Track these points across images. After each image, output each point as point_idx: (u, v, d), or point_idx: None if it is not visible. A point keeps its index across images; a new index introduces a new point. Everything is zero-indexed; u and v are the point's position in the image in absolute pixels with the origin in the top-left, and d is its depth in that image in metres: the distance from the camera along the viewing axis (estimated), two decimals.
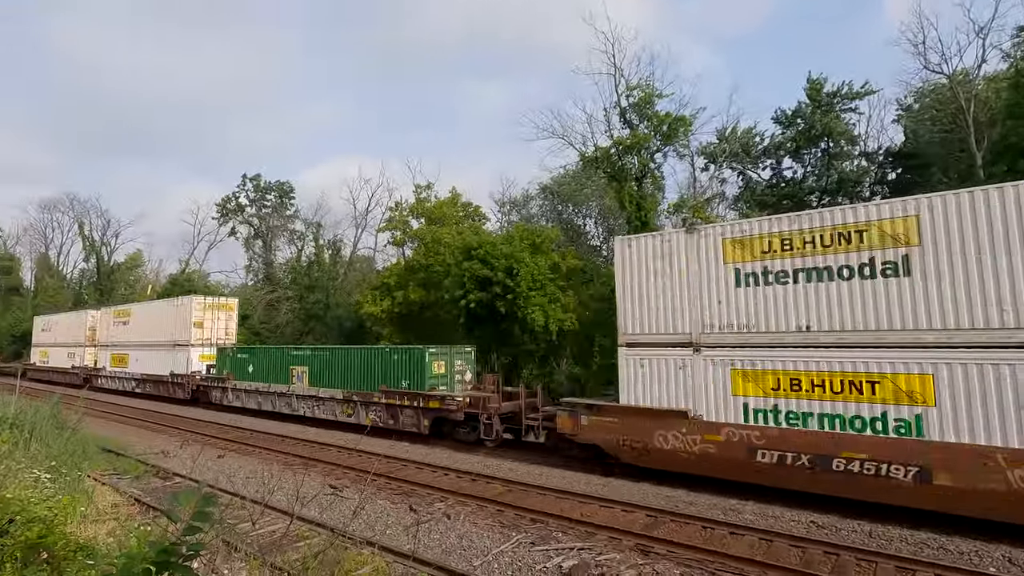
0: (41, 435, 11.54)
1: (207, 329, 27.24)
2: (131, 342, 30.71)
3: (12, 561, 4.99)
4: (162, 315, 28.67)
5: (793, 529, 8.74)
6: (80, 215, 58.06)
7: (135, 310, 31.99)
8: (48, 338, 41.09)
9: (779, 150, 27.54)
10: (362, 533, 8.41)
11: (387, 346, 18.44)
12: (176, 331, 27.33)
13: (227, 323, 28.23)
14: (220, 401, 23.37)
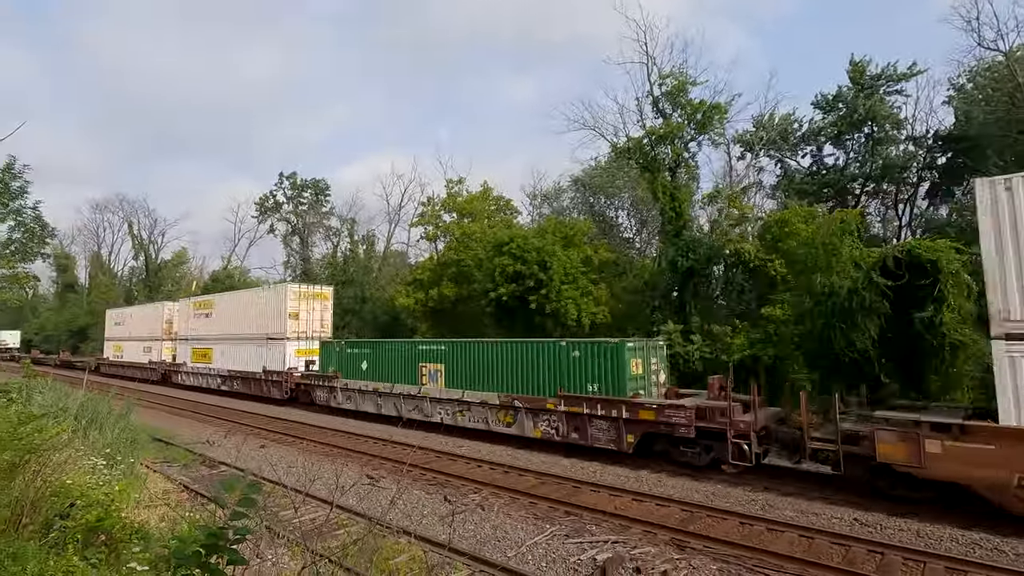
0: (98, 425, 12.18)
1: (303, 321, 24.20)
2: (215, 335, 28.22)
3: (74, 542, 5.29)
4: (251, 306, 25.92)
5: (835, 527, 8.50)
6: (129, 215, 60.71)
7: (219, 301, 29.20)
8: (122, 332, 39.38)
9: (819, 136, 26.57)
10: (400, 522, 8.59)
11: (563, 340, 14.83)
12: (268, 323, 24.55)
13: (322, 314, 25.07)
14: (327, 402, 20.61)
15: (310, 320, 24.48)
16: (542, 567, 7.25)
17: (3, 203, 21.12)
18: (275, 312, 24.26)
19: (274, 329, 24.24)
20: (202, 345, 29.33)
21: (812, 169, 27.43)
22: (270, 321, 24.45)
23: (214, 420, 20.01)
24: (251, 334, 25.45)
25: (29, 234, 22.21)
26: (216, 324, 28.41)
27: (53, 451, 6.47)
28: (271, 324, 24.40)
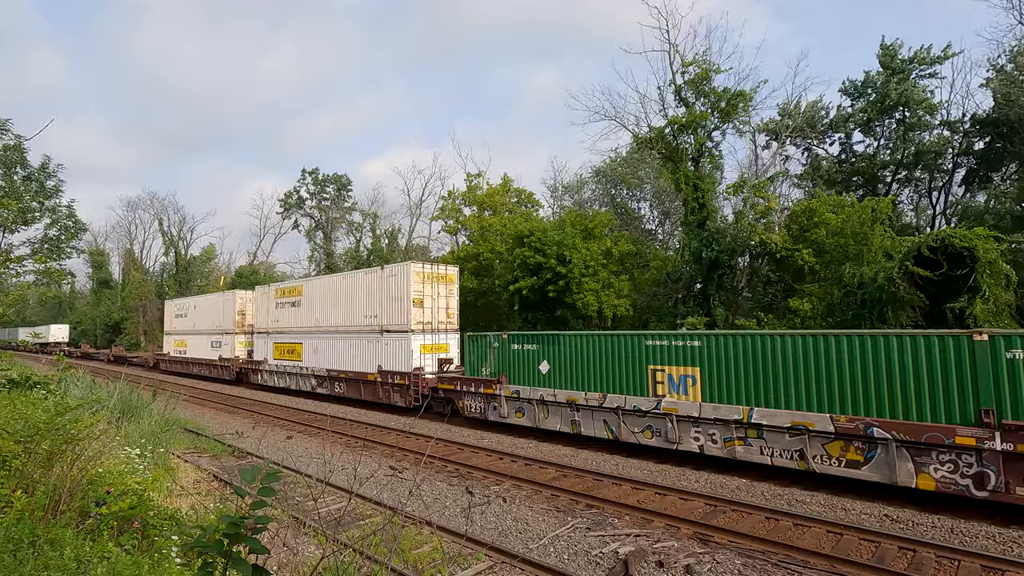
0: (132, 416, 12.57)
1: (427, 310, 19.11)
2: (305, 328, 23.79)
3: (109, 529, 5.46)
4: (356, 291, 21.27)
5: (864, 522, 8.31)
6: (159, 212, 62.32)
7: (309, 287, 24.47)
8: (185, 325, 35.34)
9: (848, 123, 25.85)
10: (422, 513, 8.68)
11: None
12: (384, 312, 19.80)
13: (447, 301, 19.87)
14: (481, 415, 15.87)
15: (435, 308, 19.41)
16: (564, 560, 7.24)
17: (39, 201, 21.86)
18: (394, 298, 19.46)
19: (393, 320, 19.43)
20: (287, 339, 25.02)
21: (841, 157, 26.74)
22: (386, 310, 19.77)
23: (240, 411, 20.38)
24: (357, 326, 20.99)
25: (63, 231, 22.97)
26: (306, 314, 23.96)
27: (89, 441, 6.69)
28: (388, 313, 19.69)
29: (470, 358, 16.68)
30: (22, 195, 20.35)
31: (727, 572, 6.73)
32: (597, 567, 7.01)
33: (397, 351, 19.12)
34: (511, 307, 23.57)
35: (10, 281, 15.48)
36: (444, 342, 19.35)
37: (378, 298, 20.20)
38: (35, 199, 21.55)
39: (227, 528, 1.84)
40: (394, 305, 19.46)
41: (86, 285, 72.40)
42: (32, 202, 21.16)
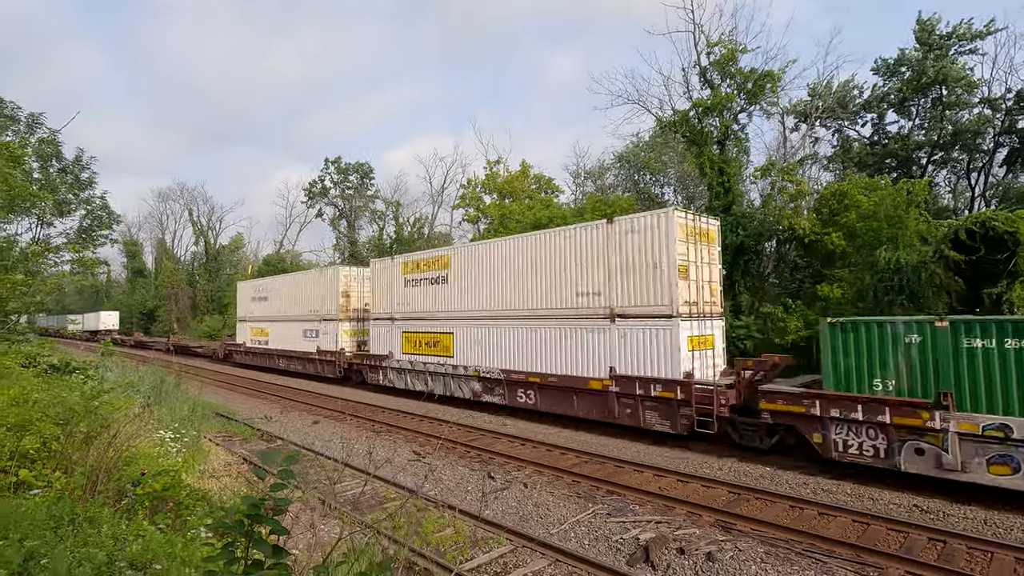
0: (165, 400, 12.99)
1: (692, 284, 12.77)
2: (462, 312, 17.30)
3: (144, 509, 5.68)
4: (564, 256, 14.50)
5: (892, 512, 8.15)
6: (189, 202, 63.71)
7: (467, 256, 17.54)
8: (266, 309, 28.78)
9: (882, 103, 24.93)
10: (445, 497, 8.81)
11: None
12: (617, 286, 13.24)
13: (711, 271, 13.52)
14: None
15: (699, 282, 13.01)
16: (584, 545, 7.28)
17: (74, 193, 22.58)
18: (638, 266, 12.87)
19: (639, 298, 12.87)
20: (426, 328, 18.51)
21: (873, 138, 25.85)
22: (625, 283, 13.12)
23: (269, 396, 20.85)
24: (560, 309, 14.46)
25: (97, 222, 23.72)
26: (458, 293, 17.51)
27: (124, 424, 6.94)
28: (627, 288, 13.07)
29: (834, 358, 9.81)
30: (58, 187, 21.07)
31: (749, 560, 6.69)
32: (618, 553, 7.04)
33: (648, 346, 12.61)
34: None
35: (48, 271, 16.07)
36: (709, 332, 13.12)
37: (605, 265, 13.43)
38: (70, 191, 22.28)
39: (247, 509, 1.89)
40: (640, 276, 12.78)
41: (121, 274, 74.73)
42: (67, 194, 21.90)
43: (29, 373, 9.47)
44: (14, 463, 5.44)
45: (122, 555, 4.13)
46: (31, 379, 8.56)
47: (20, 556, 3.76)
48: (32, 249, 16.26)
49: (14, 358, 9.10)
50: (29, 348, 13.26)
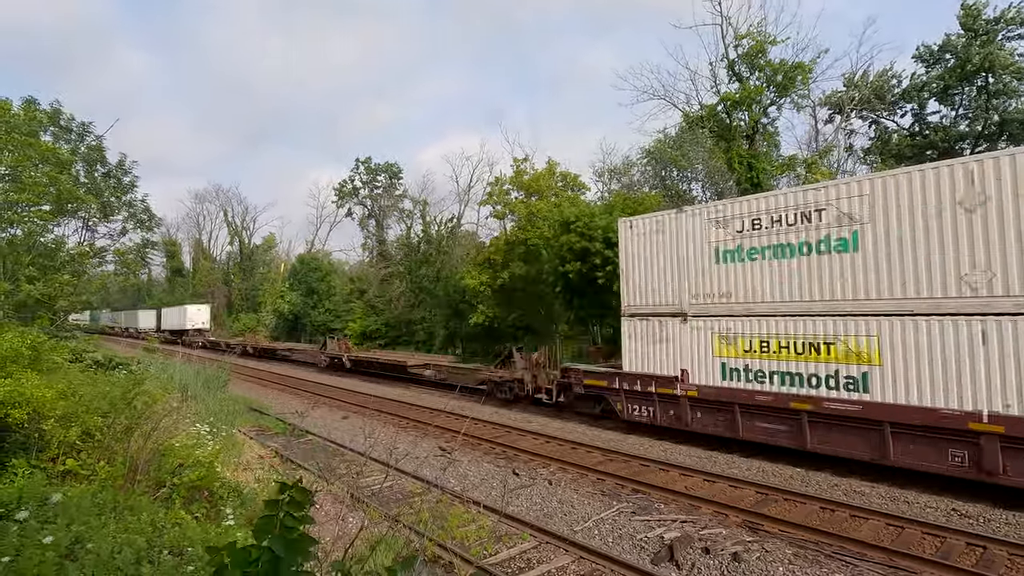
0: (201, 397, 13.46)
1: None
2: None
3: (180, 498, 5.93)
4: None
5: (929, 516, 7.90)
6: (224, 203, 65.58)
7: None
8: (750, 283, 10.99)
9: (922, 92, 24.03)
10: (470, 493, 8.92)
11: None
12: None
13: None
14: None
15: None
16: (608, 542, 7.28)
17: (117, 196, 23.52)
18: None
19: None
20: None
21: (913, 129, 24.94)
22: None
23: (300, 392, 21.36)
24: None
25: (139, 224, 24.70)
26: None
27: (162, 417, 7.25)
28: None
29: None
30: (102, 191, 21.98)
31: (776, 561, 6.59)
32: (642, 551, 7.01)
33: None
34: (555, 292, 23.51)
35: (94, 271, 16.82)
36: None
37: None
38: (113, 194, 23.21)
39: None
40: None
41: (161, 273, 77.38)
42: (111, 197, 22.82)
43: (76, 368, 9.94)
44: (62, 452, 5.75)
45: (160, 541, 4.34)
46: (77, 374, 8.99)
47: (68, 539, 3.98)
48: (78, 250, 17.03)
49: (62, 354, 9.57)
50: (75, 344, 13.92)
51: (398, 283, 40.20)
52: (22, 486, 4.67)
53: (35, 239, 14.63)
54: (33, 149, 13.32)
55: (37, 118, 15.47)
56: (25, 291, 12.03)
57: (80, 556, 3.85)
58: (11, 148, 13.04)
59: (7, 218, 13.76)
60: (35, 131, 14.68)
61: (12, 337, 7.25)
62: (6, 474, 4.95)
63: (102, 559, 3.78)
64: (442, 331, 33.67)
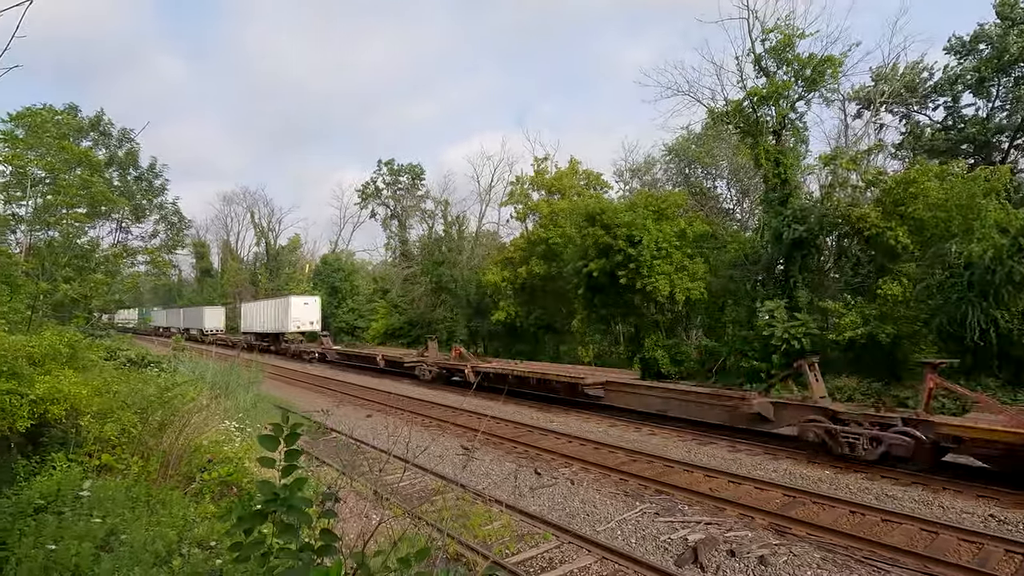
0: (230, 393, 13.76)
1: None
2: None
3: (210, 493, 6.06)
4: None
5: (965, 522, 7.64)
6: (251, 205, 66.93)
7: None
8: None
9: (956, 85, 23.25)
10: (491, 491, 8.93)
11: None
12: None
13: None
14: None
15: None
16: (631, 543, 7.22)
17: (148, 199, 24.24)
18: None
19: None
20: None
21: (947, 123, 24.16)
22: None
23: (325, 391, 21.62)
24: None
25: (170, 227, 25.42)
26: None
27: (193, 413, 7.43)
28: None
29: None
30: (134, 194, 22.69)
31: (804, 565, 6.45)
32: (665, 552, 6.94)
33: None
34: (578, 290, 23.39)
35: (126, 272, 17.36)
36: None
37: None
38: (145, 197, 23.93)
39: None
40: None
41: (191, 274, 79.30)
42: (142, 200, 23.54)
43: (110, 366, 10.25)
44: (98, 448, 5.94)
45: (190, 535, 4.45)
46: (112, 371, 9.26)
47: (103, 531, 4.11)
48: (112, 251, 17.58)
49: (97, 352, 9.87)
50: (109, 342, 14.36)
51: (423, 281, 40.40)
52: (60, 479, 4.83)
53: (71, 240, 15.15)
54: (66, 153, 13.78)
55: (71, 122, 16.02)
56: (62, 291, 12.46)
57: (115, 547, 3.97)
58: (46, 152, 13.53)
59: (45, 221, 14.29)
60: (66, 135, 15.20)
61: (50, 335, 7.50)
62: (45, 468, 5.13)
63: (135, 550, 3.89)
64: (464, 329, 33.81)
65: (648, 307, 22.67)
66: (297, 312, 35.43)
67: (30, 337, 7.31)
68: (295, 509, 2.03)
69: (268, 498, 2.00)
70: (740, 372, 18.17)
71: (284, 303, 36.45)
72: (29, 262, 13.14)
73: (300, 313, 35.55)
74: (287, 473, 2.10)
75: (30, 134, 14.96)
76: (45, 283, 11.73)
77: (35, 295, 10.26)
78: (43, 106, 16.25)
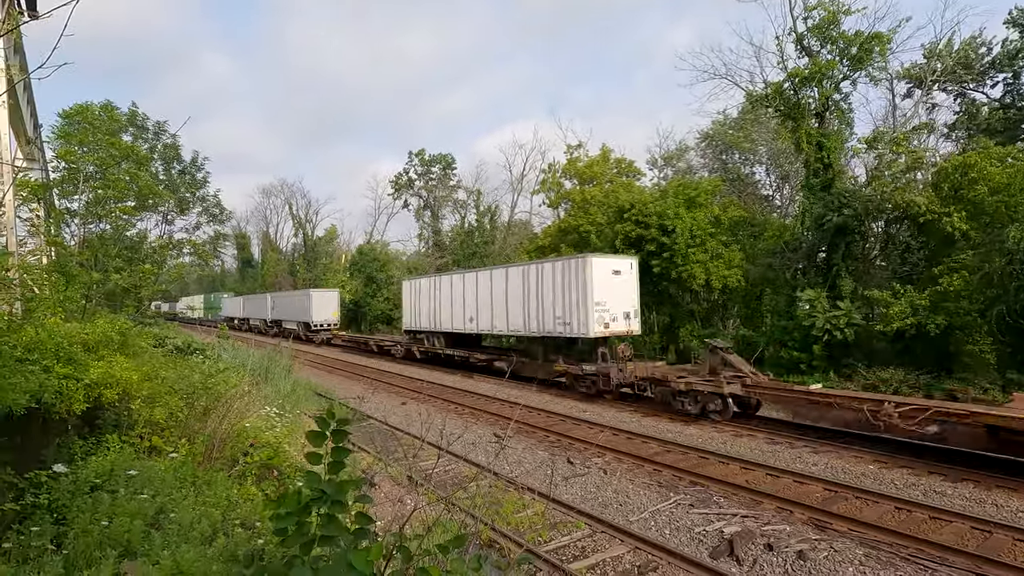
0: (272, 380, 14.19)
1: None
2: None
3: (252, 475, 6.28)
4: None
5: (1021, 521, 7.28)
6: (288, 197, 68.50)
7: None
8: None
9: (1016, 60, 21.85)
10: (524, 480, 8.98)
11: None
12: None
13: None
14: None
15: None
16: (664, 534, 7.16)
17: (192, 192, 25.09)
18: None
19: None
20: None
21: (1006, 101, 22.76)
22: None
23: (361, 378, 22.04)
24: None
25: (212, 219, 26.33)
26: None
27: (235, 399, 7.69)
28: None
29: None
30: (178, 187, 23.52)
31: (846, 561, 6.27)
32: (700, 544, 6.85)
33: None
34: None
35: (171, 262, 18.06)
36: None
37: None
38: (188, 190, 24.78)
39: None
40: None
41: (233, 265, 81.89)
42: (186, 193, 24.38)
43: (158, 353, 10.70)
44: (147, 431, 6.21)
45: (234, 515, 4.61)
46: (160, 358, 9.67)
47: (153, 509, 4.30)
48: (158, 242, 18.30)
49: (146, 339, 10.31)
50: (158, 331, 14.99)
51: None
52: (114, 460, 5.08)
53: (121, 233, 15.83)
54: (115, 148, 14.36)
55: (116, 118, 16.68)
56: (114, 281, 13.05)
57: (164, 524, 4.16)
58: (96, 147, 14.14)
59: (96, 214, 14.97)
60: (115, 131, 15.85)
61: (103, 323, 7.86)
62: (100, 448, 5.40)
63: (183, 528, 4.06)
64: None
65: (683, 296, 22.27)
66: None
67: (84, 325, 7.68)
68: (340, 504, 2.07)
69: (316, 496, 2.05)
70: (779, 362, 17.73)
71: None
72: (83, 253, 13.81)
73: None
74: (334, 470, 2.14)
75: (81, 131, 15.69)
76: (98, 273, 12.31)
77: (88, 285, 10.76)
78: (85, 104, 16.97)
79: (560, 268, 16.88)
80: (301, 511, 2.09)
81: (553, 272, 17.10)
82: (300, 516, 2.10)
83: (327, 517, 2.13)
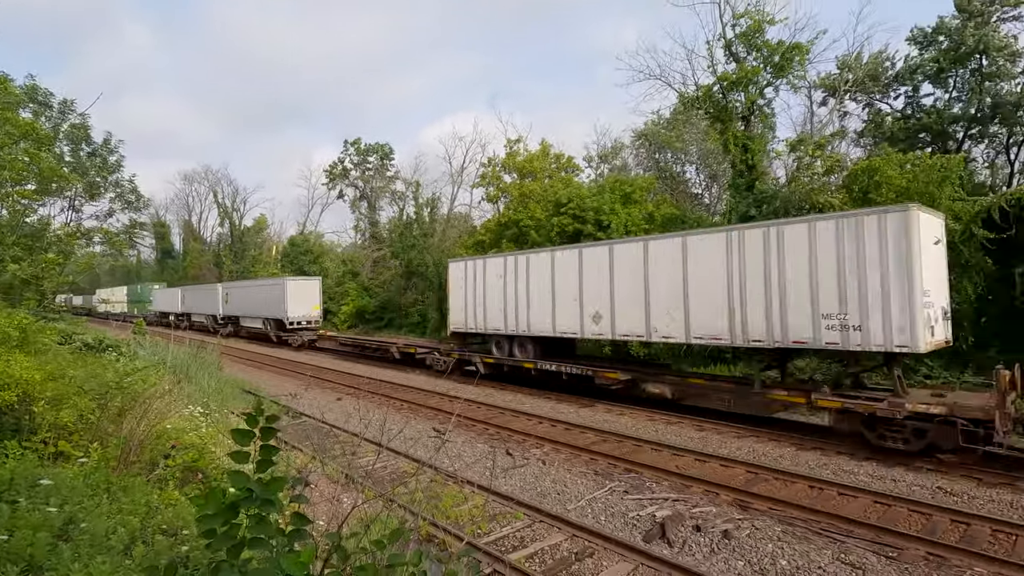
0: (193, 378, 13.40)
1: None
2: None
3: (174, 479, 5.91)
4: None
5: (915, 494, 8.06)
6: (213, 184, 64.65)
7: None
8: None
9: (915, 75, 23.93)
10: (463, 473, 8.98)
11: None
12: None
13: None
14: None
15: None
16: (600, 521, 7.38)
17: (103, 176, 23.12)
18: None
19: None
20: None
21: (906, 112, 24.89)
22: None
23: (293, 374, 21.23)
24: None
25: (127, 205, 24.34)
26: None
27: (154, 399, 7.20)
28: None
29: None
30: (88, 170, 21.59)
31: (766, 538, 6.71)
32: (634, 529, 7.11)
33: None
34: None
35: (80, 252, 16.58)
36: None
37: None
38: (99, 174, 22.81)
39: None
40: None
41: (150, 255, 76.46)
42: (96, 177, 22.43)
43: (65, 350, 9.84)
44: (53, 435, 5.70)
45: (154, 522, 4.33)
46: (67, 356, 8.90)
47: (60, 519, 3.96)
48: (63, 230, 16.76)
49: (50, 335, 9.45)
50: (64, 326, 13.76)
51: (393, 264, 39.88)
52: (13, 468, 4.63)
53: (20, 219, 14.37)
54: (11, 125, 13.01)
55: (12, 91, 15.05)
56: (11, 271, 11.85)
57: (74, 536, 3.84)
58: None
59: None
60: (11, 104, 14.32)
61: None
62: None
63: (96, 539, 3.77)
64: (435, 314, 33.61)
65: None
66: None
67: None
68: (270, 503, 1.98)
69: (243, 496, 1.95)
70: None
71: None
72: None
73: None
74: (262, 468, 2.04)
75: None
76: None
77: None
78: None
79: (844, 229, 10.07)
80: (228, 511, 1.99)
81: (819, 237, 10.34)
82: (227, 517, 2.00)
83: (256, 518, 2.04)
